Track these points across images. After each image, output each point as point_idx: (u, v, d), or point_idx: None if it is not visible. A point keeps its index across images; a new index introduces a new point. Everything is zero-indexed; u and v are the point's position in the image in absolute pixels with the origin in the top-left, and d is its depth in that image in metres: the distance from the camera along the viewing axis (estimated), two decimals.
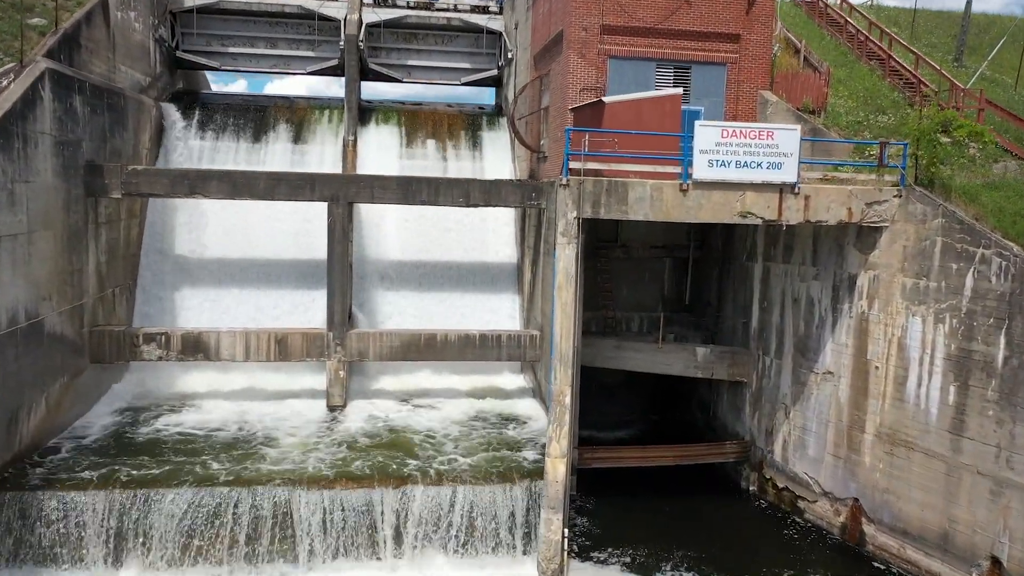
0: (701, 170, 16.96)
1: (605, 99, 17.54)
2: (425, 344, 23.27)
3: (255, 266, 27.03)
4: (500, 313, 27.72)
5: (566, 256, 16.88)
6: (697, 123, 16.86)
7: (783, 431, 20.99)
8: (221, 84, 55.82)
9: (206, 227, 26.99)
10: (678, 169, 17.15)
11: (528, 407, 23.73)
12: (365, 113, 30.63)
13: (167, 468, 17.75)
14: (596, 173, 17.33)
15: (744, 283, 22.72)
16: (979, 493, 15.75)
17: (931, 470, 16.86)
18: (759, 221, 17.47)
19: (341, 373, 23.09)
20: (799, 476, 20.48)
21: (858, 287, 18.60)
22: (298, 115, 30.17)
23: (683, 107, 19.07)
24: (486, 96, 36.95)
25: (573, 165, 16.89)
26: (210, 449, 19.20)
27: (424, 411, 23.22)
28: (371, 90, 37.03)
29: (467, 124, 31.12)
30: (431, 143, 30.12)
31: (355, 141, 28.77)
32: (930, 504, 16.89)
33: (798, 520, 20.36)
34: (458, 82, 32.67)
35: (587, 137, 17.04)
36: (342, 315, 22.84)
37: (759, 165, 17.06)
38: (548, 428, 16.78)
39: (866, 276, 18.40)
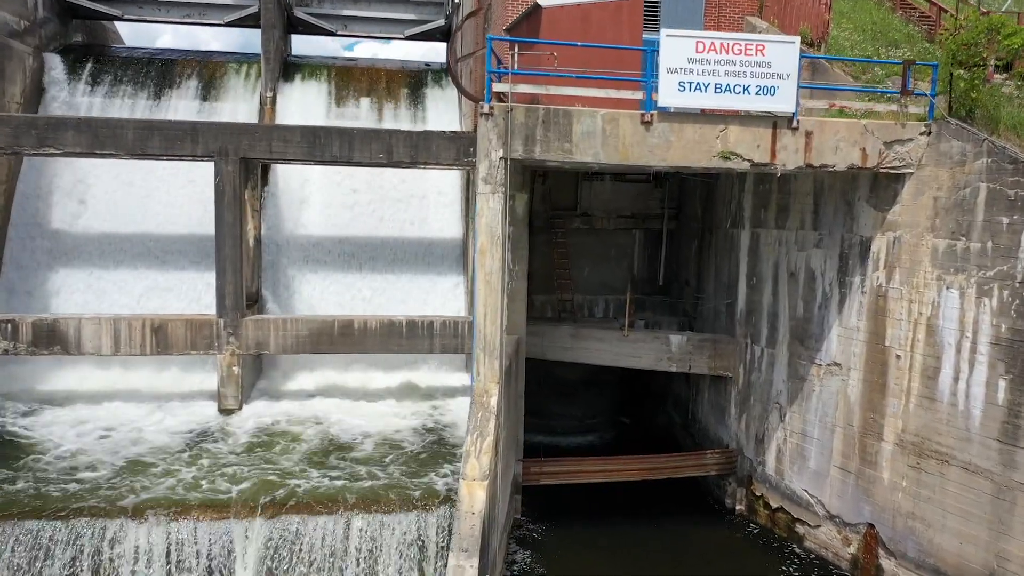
0: (669, 95, 12.79)
1: (543, 1, 13.32)
2: (339, 333, 18.98)
3: (152, 243, 22.65)
4: (443, 297, 23.44)
5: (489, 210, 12.68)
6: (664, 32, 12.66)
7: (777, 438, 16.85)
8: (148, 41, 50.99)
9: (92, 196, 22.60)
10: (639, 95, 12.96)
11: None
12: (290, 69, 26.33)
13: None
14: (533, 101, 13.12)
15: (729, 256, 18.56)
16: None
17: (973, 490, 12.76)
18: (746, 165, 13.31)
19: (235, 369, 18.77)
20: (797, 494, 16.36)
21: (873, 254, 14.50)
22: (210, 70, 25.79)
23: (649, 37, 14.89)
24: (440, 55, 32.70)
25: (498, 88, 12.68)
26: (45, 469, 14.86)
27: (341, 416, 18.90)
28: (308, 47, 32.57)
29: (409, 82, 26.83)
30: (365, 102, 25.80)
31: (274, 98, 24.49)
32: (971, 535, 12.81)
33: (797, 549, 16.25)
34: (402, 35, 28.45)
35: (516, 49, 12.81)
36: (235, 298, 18.51)
37: (746, 90, 12.90)
38: (465, 440, 12.55)
39: (883, 239, 14.29)
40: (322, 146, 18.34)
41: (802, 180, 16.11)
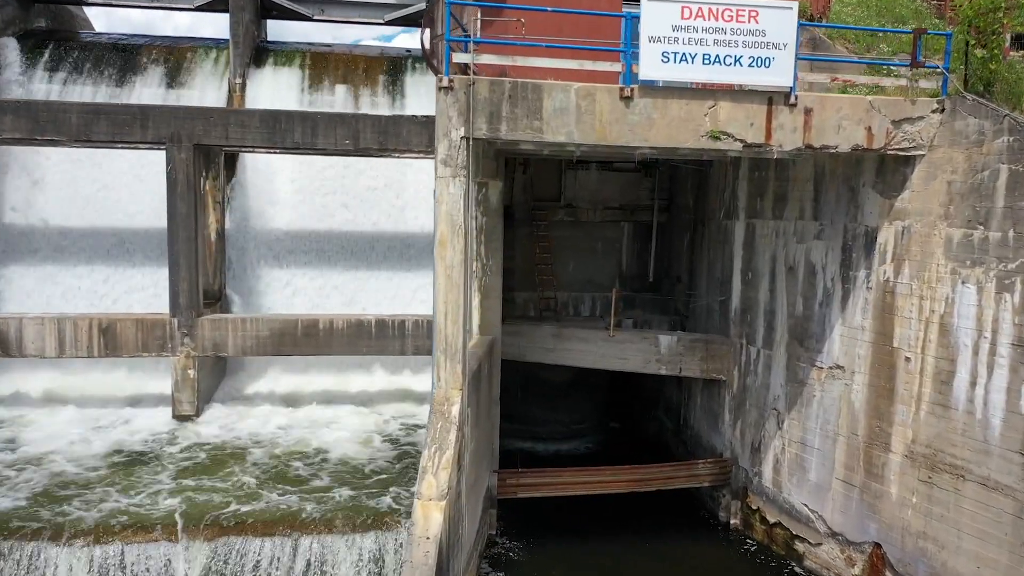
0: (651, 67, 11.41)
1: None
2: (303, 334, 17.66)
3: (111, 237, 21.34)
4: (423, 295, 22.11)
5: (449, 196, 11.31)
6: None
7: (774, 447, 15.49)
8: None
9: (46, 187, 21.27)
10: (618, 67, 11.58)
11: None
12: (262, 55, 24.90)
13: None
14: (501, 74, 11.75)
15: (722, 249, 17.19)
16: None
17: (992, 509, 11.40)
18: (738, 146, 11.93)
19: (191, 372, 17.45)
20: (796, 508, 15.00)
21: (879, 246, 13.12)
22: (178, 56, 24.38)
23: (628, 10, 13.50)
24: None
25: (459, 58, 11.30)
26: None
27: (310, 423, 17.57)
28: (293, 35, 31.13)
29: (388, 68, 25.39)
30: (341, 89, 24.37)
31: (243, 84, 23.09)
32: (990, 559, 11.45)
33: (797, 569, 14.89)
34: (381, 20, 27.01)
35: (479, 15, 11.43)
36: (190, 296, 17.19)
37: (738, 61, 11.52)
38: (422, 454, 11.18)
39: (891, 229, 12.91)
40: (283, 132, 17.05)
41: (801, 165, 14.74)
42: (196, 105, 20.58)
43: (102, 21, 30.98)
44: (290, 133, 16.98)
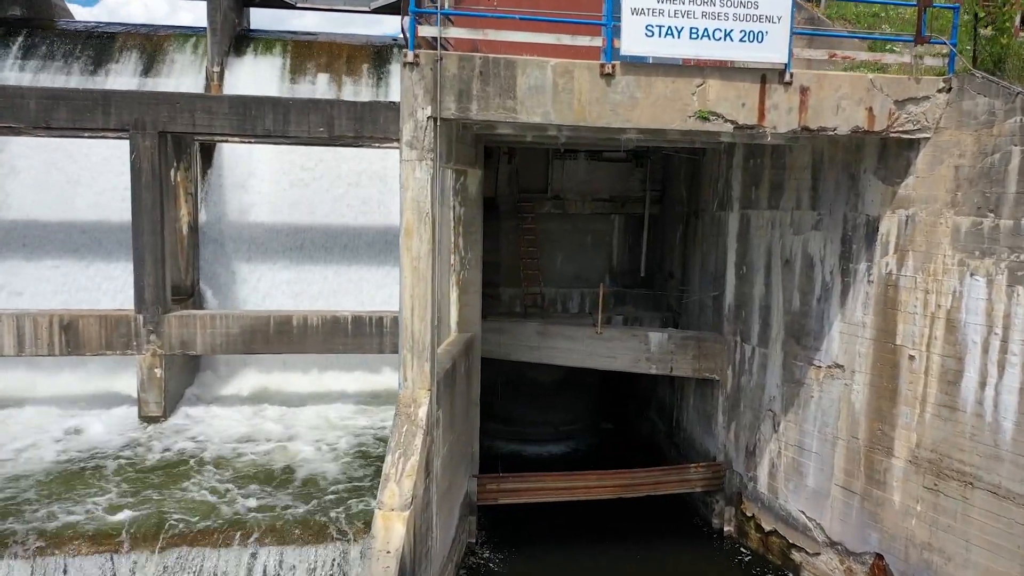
0: (635, 42, 10.54)
1: None
2: (276, 331, 16.82)
3: (82, 231, 20.52)
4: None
5: (415, 182, 10.46)
6: None
7: (770, 450, 14.63)
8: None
9: (14, 178, 20.47)
10: (598, 42, 10.71)
11: None
12: (242, 44, 24.05)
13: None
14: (472, 49, 10.89)
15: (716, 242, 16.33)
16: None
17: (1003, 519, 10.54)
18: (728, 128, 11.06)
19: (158, 371, 16.62)
20: (793, 516, 14.14)
21: (881, 236, 12.25)
22: (155, 44, 23.55)
23: None
24: None
25: (425, 31, 10.44)
26: None
27: (284, 425, 16.69)
28: (281, 24, 30.23)
29: (373, 57, 24.54)
30: (323, 77, 23.53)
31: (221, 73, 22.26)
32: (1001, 573, 10.63)
33: None
34: (367, 8, 26.19)
35: None
36: (156, 291, 16.35)
37: (728, 35, 10.65)
38: (385, 461, 10.32)
39: (894, 219, 12.04)
40: (253, 119, 16.20)
41: (798, 151, 13.87)
42: (161, 90, 19.72)
43: (85, 11, 30.15)
44: (261, 120, 16.14)
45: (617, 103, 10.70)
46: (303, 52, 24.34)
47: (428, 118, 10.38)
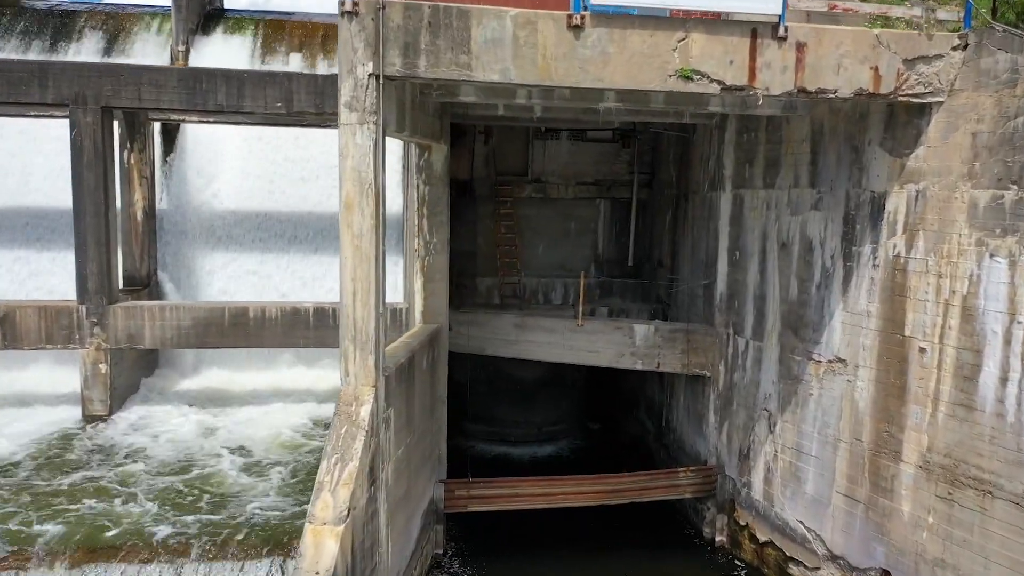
0: None
1: None
2: (232, 323, 15.56)
3: (32, 219, 19.31)
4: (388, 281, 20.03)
5: (356, 148, 9.18)
6: None
7: (765, 453, 13.33)
8: None
9: None
10: None
11: None
12: (211, 22, 22.80)
13: None
14: None
15: (707, 226, 15.02)
16: None
17: None
18: (714, 88, 9.74)
19: (103, 367, 15.39)
20: (791, 526, 12.83)
21: (888, 215, 10.93)
22: (118, 22, 22.32)
23: None
24: None
25: None
26: None
27: (239, 426, 15.45)
28: (252, 2, 28.65)
29: None
30: (296, 57, 22.25)
31: (187, 52, 21.00)
32: None
33: None
34: None
35: None
36: (100, 280, 15.11)
37: None
38: (320, 467, 9.03)
39: (902, 194, 10.72)
40: (204, 92, 14.91)
41: (795, 124, 12.55)
42: (103, 61, 18.42)
43: None
44: (212, 94, 14.86)
45: (587, 59, 9.40)
46: (276, 31, 23.08)
47: (369, 75, 9.09)
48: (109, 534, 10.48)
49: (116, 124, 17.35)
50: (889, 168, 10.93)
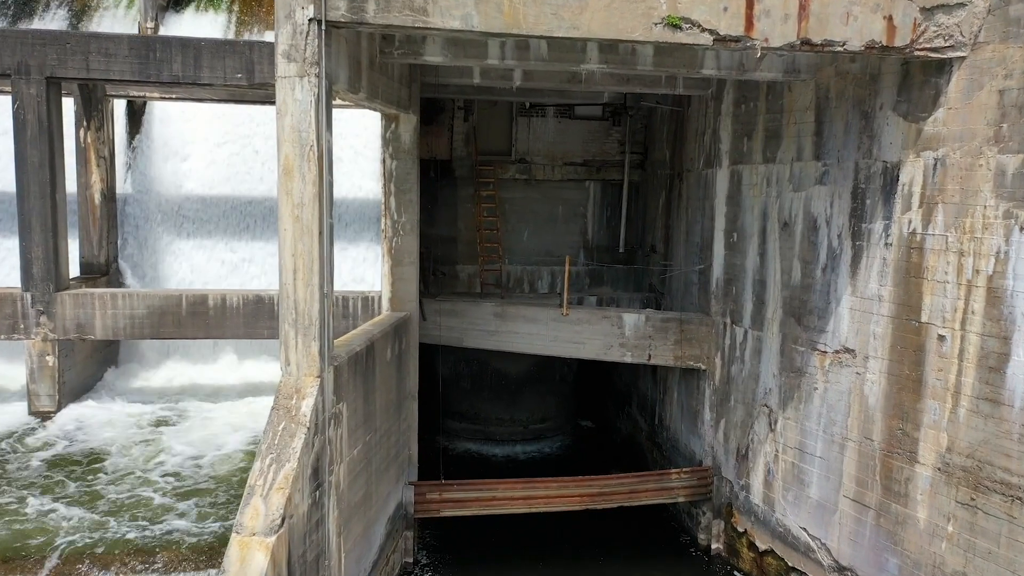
0: None
1: None
2: (190, 312, 14.43)
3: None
4: (358, 270, 18.97)
5: (295, 105, 8.03)
6: None
7: (765, 453, 12.16)
8: None
9: None
10: None
11: None
12: None
13: None
14: None
15: (702, 206, 13.86)
16: None
17: None
18: (706, 39, 8.58)
19: (50, 359, 14.32)
20: (793, 533, 11.66)
21: (902, 187, 9.75)
22: None
23: None
24: None
25: None
26: None
27: (191, 426, 14.37)
28: None
29: None
30: (271, 35, 21.14)
31: (156, 29, 19.94)
32: None
33: None
34: None
35: None
36: (46, 267, 13.99)
37: None
38: (252, 469, 7.89)
39: (919, 163, 9.54)
40: (158, 62, 13.79)
41: (799, 90, 11.39)
42: (48, 28, 17.29)
43: None
44: (167, 64, 13.75)
45: (560, 5, 8.25)
46: (252, 7, 22.00)
47: (310, 20, 7.95)
48: (34, 540, 9.40)
49: (73, 102, 16.33)
50: (904, 134, 9.75)
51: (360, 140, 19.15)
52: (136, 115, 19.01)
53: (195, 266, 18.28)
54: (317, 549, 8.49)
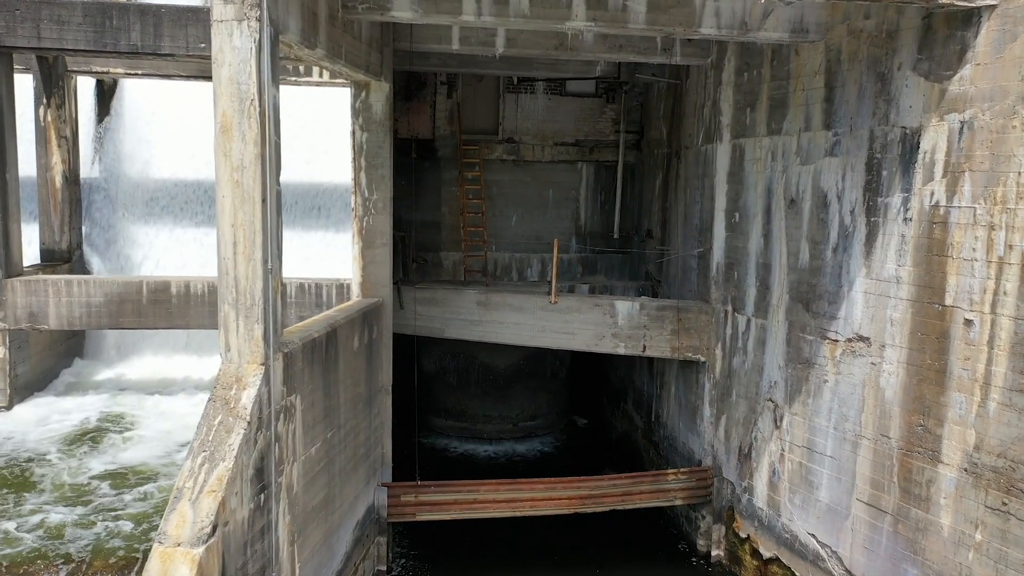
0: None
1: None
2: (151, 300, 13.48)
3: None
4: (340, 257, 17.96)
5: (233, 54, 7.05)
6: None
7: (770, 453, 11.14)
8: None
9: None
10: None
11: None
12: None
13: None
14: None
15: (701, 184, 12.84)
16: None
17: None
18: None
19: (0, 351, 13.28)
20: (801, 540, 10.64)
21: (924, 155, 8.73)
22: None
23: None
24: None
25: None
26: None
27: (156, 422, 13.40)
28: None
29: None
30: None
31: None
32: None
33: None
34: None
35: None
36: None
37: None
38: (182, 468, 6.89)
39: (942, 127, 8.51)
40: (115, 31, 12.83)
41: (807, 53, 10.37)
42: None
43: None
44: (125, 32, 12.78)
45: None
46: None
47: None
48: None
49: (32, 78, 15.38)
50: (925, 96, 8.72)
51: (344, 122, 18.17)
52: (105, 96, 18.07)
53: (167, 253, 17.33)
54: (262, 560, 7.50)
